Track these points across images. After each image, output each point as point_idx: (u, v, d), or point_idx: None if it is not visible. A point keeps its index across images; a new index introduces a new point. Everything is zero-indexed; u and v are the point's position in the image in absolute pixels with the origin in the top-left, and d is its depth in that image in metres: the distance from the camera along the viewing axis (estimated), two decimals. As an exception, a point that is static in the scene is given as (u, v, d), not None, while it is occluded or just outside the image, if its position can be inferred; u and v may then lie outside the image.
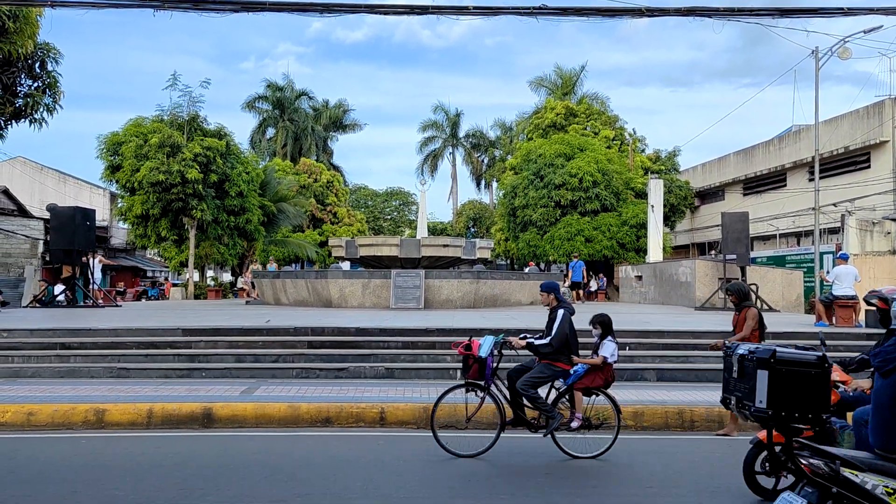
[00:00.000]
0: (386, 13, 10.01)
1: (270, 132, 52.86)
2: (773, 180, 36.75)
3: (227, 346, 11.32)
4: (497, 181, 47.02)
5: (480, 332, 11.75)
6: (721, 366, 8.17)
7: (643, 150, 39.73)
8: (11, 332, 11.80)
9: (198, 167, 26.70)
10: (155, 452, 6.96)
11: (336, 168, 54.40)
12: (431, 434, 6.81)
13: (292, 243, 39.06)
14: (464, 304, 18.72)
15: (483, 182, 58.72)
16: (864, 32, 22.17)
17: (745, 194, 38.86)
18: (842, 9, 8.75)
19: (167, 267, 36.08)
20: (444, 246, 21.25)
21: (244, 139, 50.18)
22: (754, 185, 38.42)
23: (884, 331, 4.69)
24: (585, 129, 37.93)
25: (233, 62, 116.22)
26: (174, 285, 32.74)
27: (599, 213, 32.27)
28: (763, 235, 36.13)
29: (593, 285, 32.41)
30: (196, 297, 28.65)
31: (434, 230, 53.21)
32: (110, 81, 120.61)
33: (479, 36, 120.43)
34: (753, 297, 18.63)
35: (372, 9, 9.86)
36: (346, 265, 25.21)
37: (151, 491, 5.64)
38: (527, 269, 30.94)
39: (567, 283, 24.76)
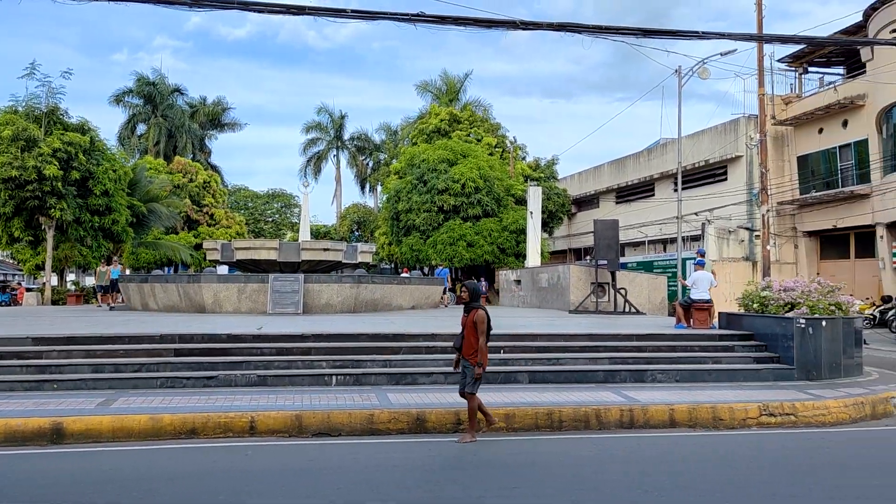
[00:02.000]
0: (261, 11, 9.69)
1: (142, 129, 50.04)
2: (643, 190, 38.99)
3: (83, 355, 10.52)
4: (381, 185, 46.98)
5: (358, 337, 11.69)
6: (590, 367, 8.49)
7: (524, 158, 41.01)
8: None
9: (57, 163, 24.80)
10: (-8, 474, 6.34)
11: (214, 168, 52.31)
12: (306, 442, 6.58)
13: (165, 245, 37.10)
14: (344, 309, 18.50)
15: (368, 186, 58.48)
16: (721, 55, 24.14)
17: (617, 202, 40.97)
18: (696, 32, 9.43)
19: (21, 270, 33.24)
20: (325, 250, 20.96)
21: (112, 135, 47.24)
22: (626, 193, 40.58)
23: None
24: (469, 135, 38.67)
25: (103, 53, 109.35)
26: (28, 290, 30.19)
27: (481, 218, 32.96)
28: (633, 242, 38.24)
29: (475, 289, 32.97)
30: (54, 302, 26.60)
31: (318, 233, 52.31)
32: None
33: (366, 39, 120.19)
34: (622, 300, 19.62)
35: (246, 5, 9.51)
36: (222, 269, 24.17)
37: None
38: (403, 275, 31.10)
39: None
